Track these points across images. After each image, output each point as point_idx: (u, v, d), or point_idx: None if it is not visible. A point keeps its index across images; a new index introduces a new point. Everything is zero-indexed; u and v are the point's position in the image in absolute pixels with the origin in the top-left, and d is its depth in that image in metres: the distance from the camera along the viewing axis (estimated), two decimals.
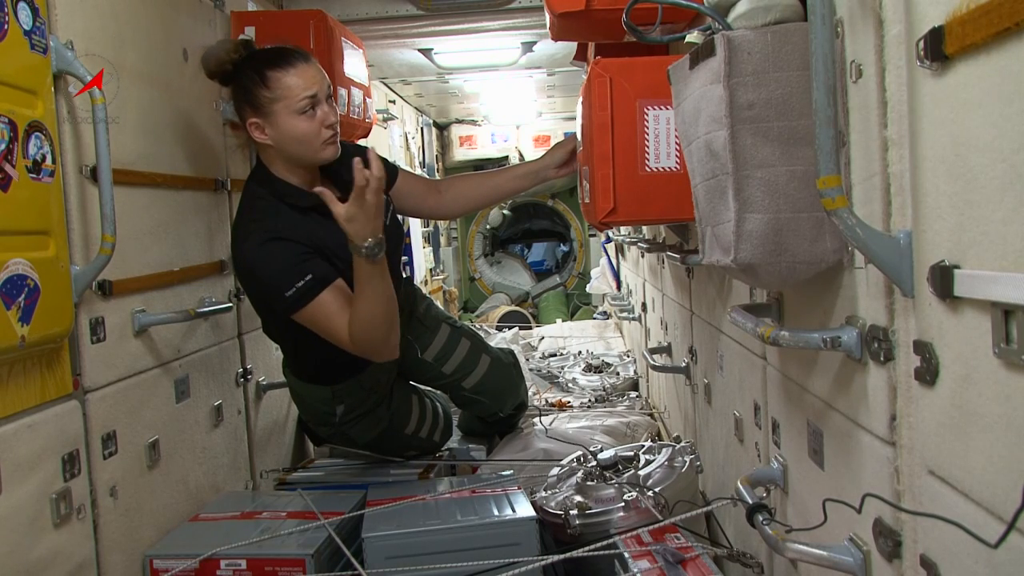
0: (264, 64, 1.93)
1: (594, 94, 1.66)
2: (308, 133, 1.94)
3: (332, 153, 1.99)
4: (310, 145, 1.95)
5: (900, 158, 0.86)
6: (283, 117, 1.93)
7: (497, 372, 2.55)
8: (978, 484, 0.74)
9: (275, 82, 1.91)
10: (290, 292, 1.87)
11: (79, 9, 1.62)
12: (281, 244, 1.91)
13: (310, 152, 1.97)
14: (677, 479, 1.89)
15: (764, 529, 1.10)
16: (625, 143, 1.66)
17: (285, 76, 1.91)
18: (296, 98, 1.91)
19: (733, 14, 1.08)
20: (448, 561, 1.74)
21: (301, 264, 1.89)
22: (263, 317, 2.21)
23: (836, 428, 1.09)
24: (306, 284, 1.87)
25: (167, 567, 1.76)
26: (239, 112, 2.00)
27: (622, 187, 1.67)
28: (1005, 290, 0.66)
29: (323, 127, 1.95)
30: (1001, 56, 0.66)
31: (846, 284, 1.03)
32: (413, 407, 2.41)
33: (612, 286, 4.95)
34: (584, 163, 1.87)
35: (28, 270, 1.37)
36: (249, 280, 2.03)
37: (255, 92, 1.93)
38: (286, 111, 1.92)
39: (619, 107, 1.66)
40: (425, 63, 4.10)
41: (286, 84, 1.91)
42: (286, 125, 1.93)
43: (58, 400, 1.52)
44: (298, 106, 1.92)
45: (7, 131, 1.33)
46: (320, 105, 1.95)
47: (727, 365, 1.78)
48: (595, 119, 1.66)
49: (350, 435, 2.31)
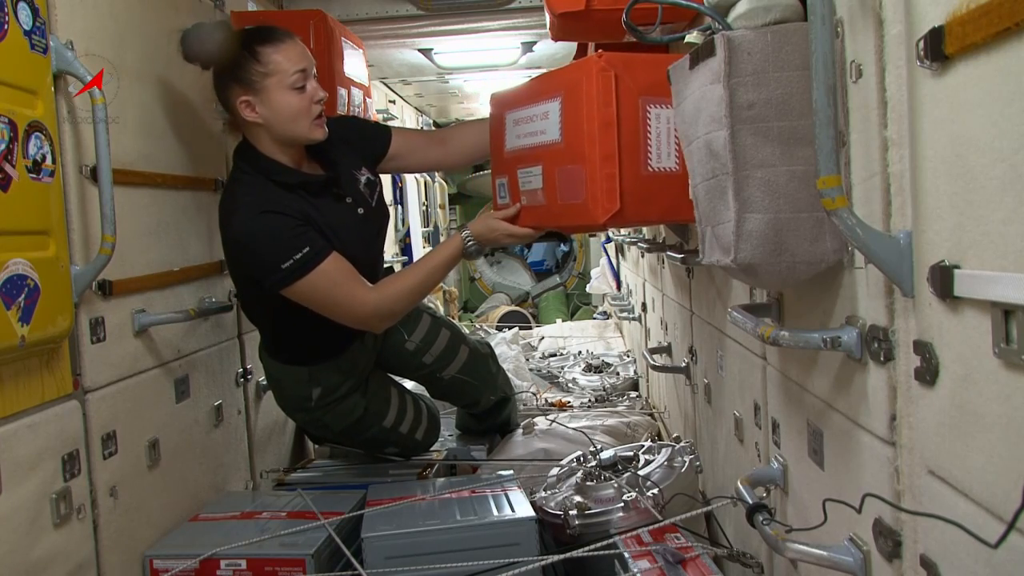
0: (254, 41, 1.94)
1: (596, 89, 1.60)
2: (300, 109, 1.95)
3: (321, 134, 2.00)
4: (300, 122, 1.96)
5: (900, 158, 0.86)
6: (275, 93, 1.93)
7: (474, 363, 2.54)
8: (978, 484, 0.74)
9: (267, 57, 1.92)
10: (287, 264, 1.89)
11: (79, 9, 1.62)
12: (275, 217, 1.91)
13: (301, 129, 1.97)
14: (677, 479, 1.89)
15: (764, 529, 1.10)
16: (629, 142, 1.60)
17: (276, 52, 1.93)
18: (288, 72, 1.93)
19: (733, 14, 1.08)
20: (448, 561, 1.74)
21: (297, 237, 1.90)
22: (245, 296, 2.20)
23: (836, 428, 1.09)
24: (304, 256, 1.89)
25: (167, 567, 1.76)
26: (225, 93, 1.98)
27: (628, 187, 1.60)
28: (1005, 290, 0.66)
29: (312, 103, 1.96)
30: (1001, 56, 0.66)
31: (846, 284, 1.03)
32: (392, 399, 2.39)
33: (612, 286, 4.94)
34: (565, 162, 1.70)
35: (28, 270, 1.37)
36: (240, 254, 2.00)
37: (247, 68, 1.93)
38: (279, 86, 1.93)
39: (623, 104, 1.59)
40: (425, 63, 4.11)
41: (277, 59, 1.92)
42: (278, 101, 1.94)
43: (58, 400, 1.52)
44: (290, 80, 1.93)
45: (7, 131, 1.33)
46: (310, 80, 1.96)
47: (727, 365, 1.78)
48: (598, 116, 1.59)
49: (325, 421, 2.29)
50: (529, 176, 1.83)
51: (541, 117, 1.75)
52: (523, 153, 1.83)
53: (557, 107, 1.70)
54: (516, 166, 1.87)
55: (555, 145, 1.72)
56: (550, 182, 1.76)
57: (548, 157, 1.75)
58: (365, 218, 2.13)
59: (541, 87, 1.79)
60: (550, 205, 1.78)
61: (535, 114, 1.77)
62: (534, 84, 1.85)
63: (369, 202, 2.16)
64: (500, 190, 1.98)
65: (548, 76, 1.83)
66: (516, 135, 1.85)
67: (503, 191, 1.96)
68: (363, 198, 2.14)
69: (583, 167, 1.64)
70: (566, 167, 1.70)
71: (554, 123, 1.71)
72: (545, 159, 1.76)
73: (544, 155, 1.76)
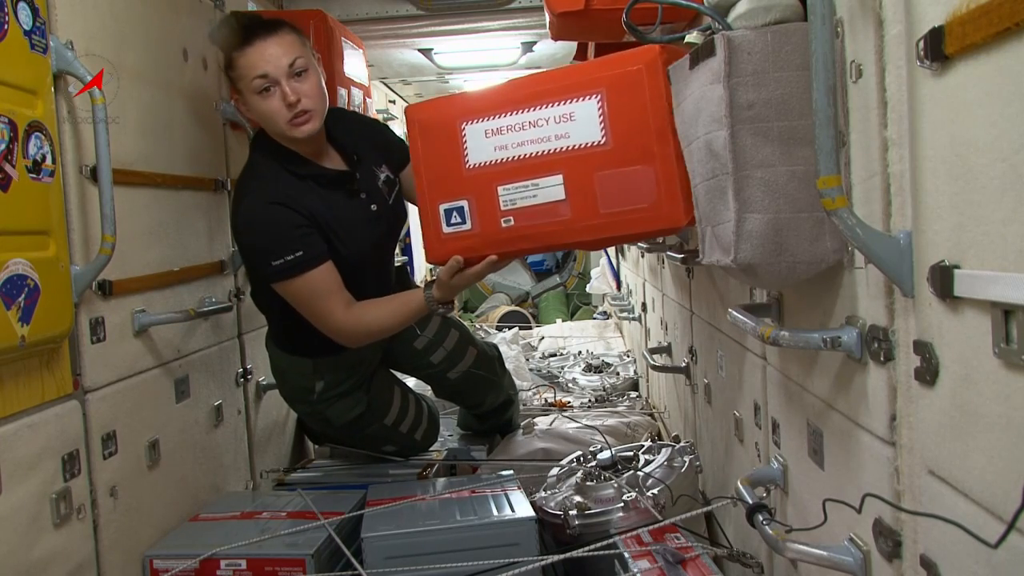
0: (232, 43, 1.92)
1: (663, 82, 1.41)
2: (270, 113, 1.91)
3: (304, 131, 1.93)
4: (275, 124, 1.93)
5: (900, 158, 0.86)
6: (247, 96, 1.93)
7: (481, 365, 2.54)
8: (978, 484, 0.74)
9: (236, 61, 1.92)
10: (277, 262, 1.89)
11: (79, 9, 1.62)
12: (283, 211, 1.90)
13: (278, 130, 1.95)
14: (677, 479, 1.89)
15: (764, 529, 1.10)
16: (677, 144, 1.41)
17: (241, 56, 1.90)
18: (249, 78, 1.90)
19: (733, 14, 1.08)
20: (448, 561, 1.74)
21: (297, 238, 1.90)
22: (252, 283, 2.21)
23: (836, 428, 1.09)
24: (296, 258, 1.89)
25: (167, 567, 1.76)
26: None
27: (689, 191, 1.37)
28: (1005, 290, 0.66)
29: (284, 106, 1.90)
30: (1001, 56, 0.66)
31: (846, 284, 1.03)
32: (394, 398, 2.39)
33: (612, 286, 4.94)
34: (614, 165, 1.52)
35: (28, 270, 1.37)
36: (240, 238, 2.04)
37: (227, 72, 1.96)
38: (247, 91, 1.92)
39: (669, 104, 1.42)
40: (425, 63, 4.11)
41: (241, 64, 1.91)
42: (251, 104, 1.94)
43: (58, 400, 1.52)
44: (252, 86, 1.90)
45: (7, 131, 1.33)
46: (279, 85, 1.88)
47: (727, 365, 1.78)
48: (666, 111, 1.41)
49: (326, 415, 2.28)
50: (530, 190, 1.62)
51: (558, 120, 1.57)
52: (513, 165, 1.62)
53: (595, 106, 1.52)
54: (495, 182, 1.64)
55: (592, 148, 1.53)
56: (583, 191, 1.56)
57: (577, 162, 1.55)
58: (378, 215, 2.10)
59: (547, 87, 1.60)
60: (582, 216, 1.58)
61: (544, 117, 1.58)
62: (526, 86, 1.65)
63: (385, 199, 2.13)
64: (449, 216, 1.71)
65: (556, 75, 1.67)
66: (495, 146, 1.63)
67: (460, 216, 1.70)
68: (379, 195, 2.12)
69: (651, 167, 1.48)
70: (616, 171, 1.52)
71: (590, 124, 1.53)
72: (570, 166, 1.56)
73: (568, 161, 1.56)
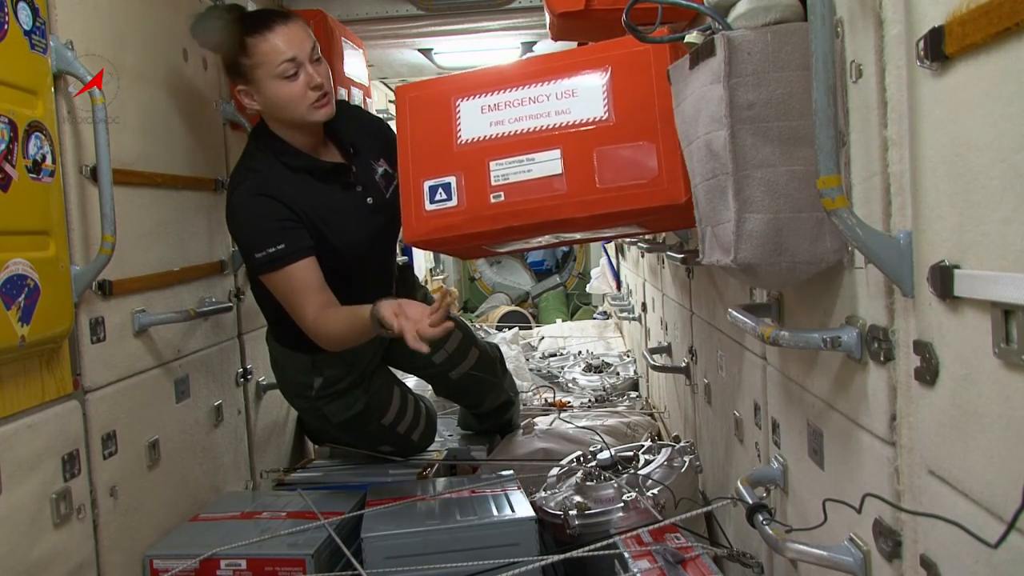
0: (243, 30, 1.92)
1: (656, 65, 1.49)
2: (292, 97, 1.92)
3: (324, 114, 1.96)
4: (296, 109, 1.94)
5: (900, 158, 0.86)
6: (266, 83, 1.92)
7: (483, 365, 2.54)
8: (978, 484, 0.74)
9: (253, 48, 1.90)
10: (260, 255, 1.90)
11: (79, 9, 1.62)
12: (269, 203, 1.91)
13: (298, 115, 1.95)
14: (676, 479, 1.89)
15: (764, 529, 1.10)
16: None
17: (263, 42, 1.90)
18: (275, 63, 1.90)
19: (733, 14, 1.08)
20: (447, 561, 1.74)
21: (280, 231, 1.90)
22: (250, 277, 2.22)
23: (836, 428, 1.09)
24: (277, 251, 1.89)
25: (167, 567, 1.76)
26: (230, 81, 2.01)
27: None
28: (1005, 290, 0.66)
29: (308, 89, 1.92)
30: (1001, 56, 0.66)
31: (846, 284, 1.03)
32: (393, 397, 2.38)
33: (612, 286, 4.95)
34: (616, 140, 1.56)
35: (28, 270, 1.37)
36: (229, 226, 2.06)
37: (238, 60, 1.93)
38: (267, 77, 1.91)
39: None
40: (425, 63, 4.10)
41: (263, 50, 1.90)
42: (269, 91, 1.93)
43: (58, 400, 1.52)
44: (278, 71, 1.90)
45: (7, 131, 1.33)
46: (303, 68, 1.91)
47: (727, 365, 1.78)
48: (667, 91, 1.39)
49: (324, 412, 2.28)
50: (524, 165, 1.64)
51: (559, 96, 1.63)
52: (509, 140, 1.65)
53: (600, 82, 1.59)
54: (488, 157, 1.66)
55: (595, 123, 1.59)
56: (580, 166, 1.60)
57: (576, 138, 1.60)
58: (374, 208, 2.09)
59: (550, 65, 1.66)
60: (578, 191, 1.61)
61: (545, 94, 1.64)
62: (529, 64, 1.73)
63: (383, 193, 2.12)
64: (434, 193, 1.72)
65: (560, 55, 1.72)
66: (491, 122, 1.67)
67: (445, 193, 1.71)
68: (376, 188, 2.11)
69: (654, 143, 1.53)
70: (618, 146, 1.56)
71: (593, 100, 1.59)
72: (569, 141, 1.60)
73: (567, 137, 1.61)
